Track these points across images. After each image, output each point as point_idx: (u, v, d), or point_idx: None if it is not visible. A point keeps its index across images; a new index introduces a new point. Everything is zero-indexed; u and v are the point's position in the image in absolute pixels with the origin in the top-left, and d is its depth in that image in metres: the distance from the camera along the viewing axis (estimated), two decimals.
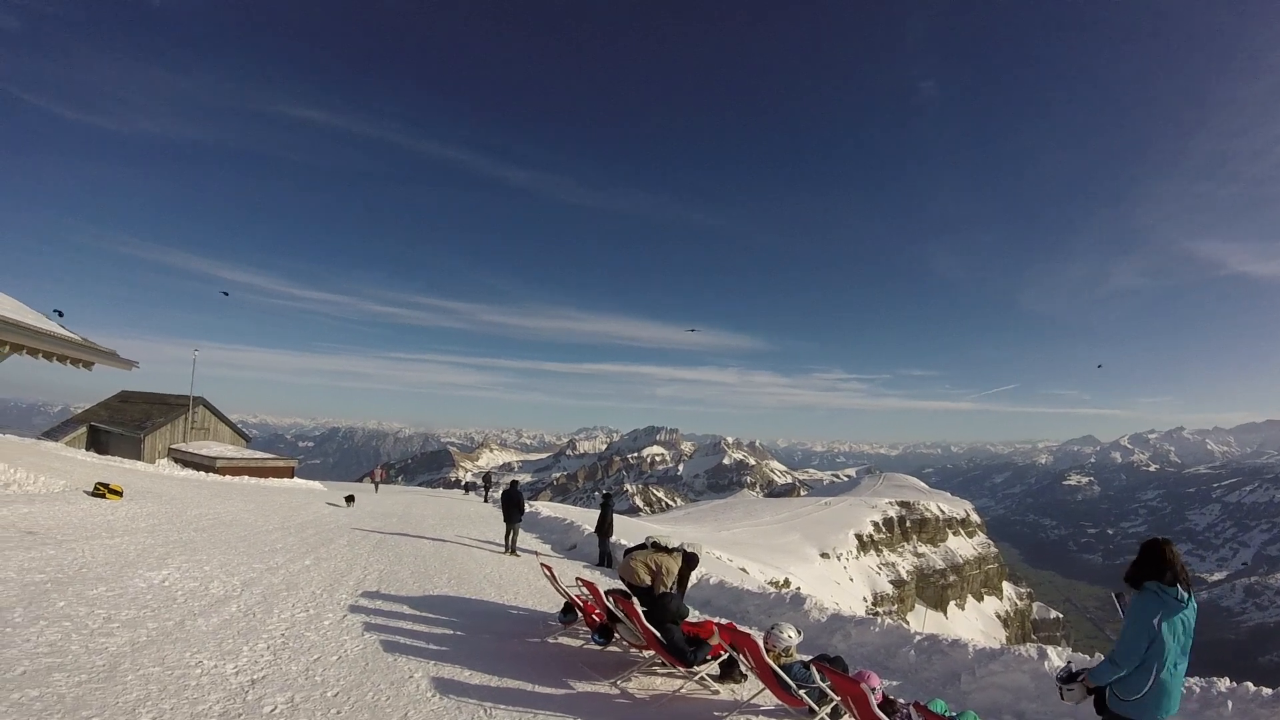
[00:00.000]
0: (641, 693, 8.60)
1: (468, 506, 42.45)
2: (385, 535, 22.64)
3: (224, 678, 7.65)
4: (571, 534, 25.49)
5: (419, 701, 7.64)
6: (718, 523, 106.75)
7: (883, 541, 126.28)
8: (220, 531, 19.10)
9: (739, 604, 14.52)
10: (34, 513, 16.69)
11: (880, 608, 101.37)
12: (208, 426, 57.09)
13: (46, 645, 7.84)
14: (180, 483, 34.68)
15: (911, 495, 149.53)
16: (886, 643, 11.01)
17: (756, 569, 62.80)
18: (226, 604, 10.92)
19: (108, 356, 25.20)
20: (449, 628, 11.15)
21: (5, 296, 22.83)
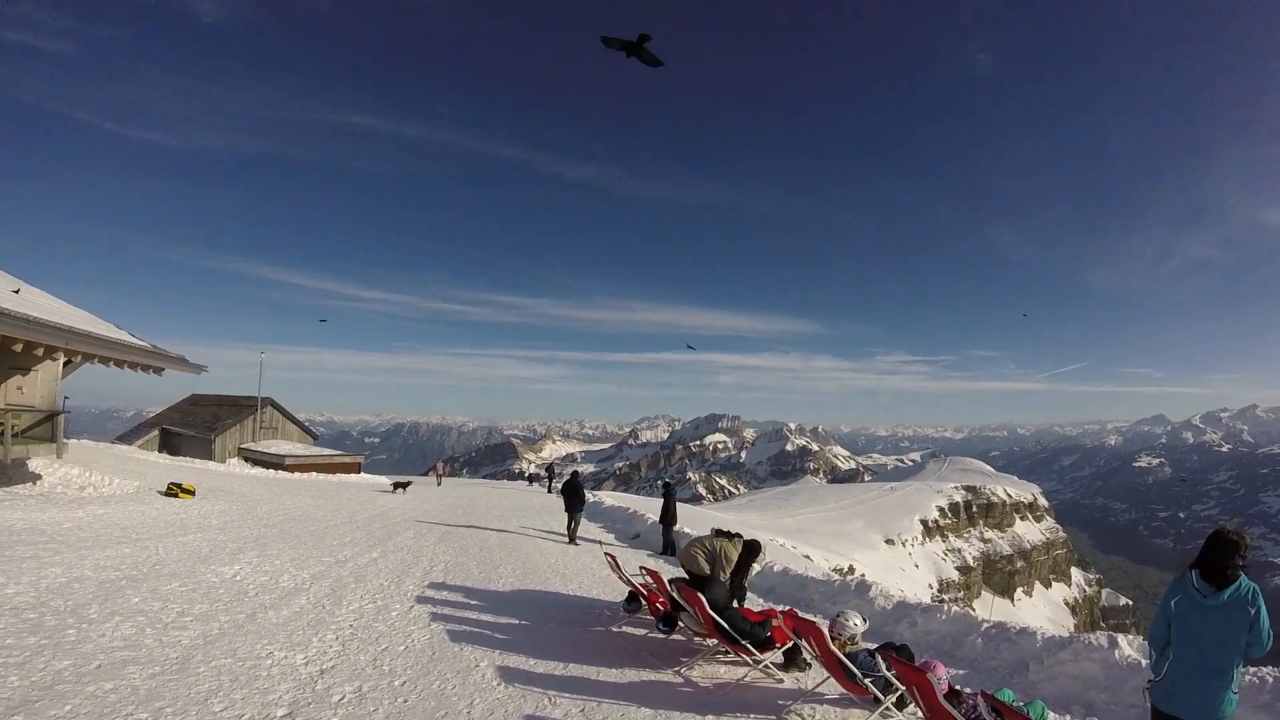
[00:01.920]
0: (705, 681, 8.55)
1: (531, 498, 42.74)
2: (450, 528, 22.98)
3: (294, 668, 7.87)
4: (635, 523, 25.50)
5: (484, 690, 7.73)
6: (781, 510, 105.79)
7: (948, 527, 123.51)
8: (290, 527, 19.67)
9: (803, 591, 14.35)
10: (109, 513, 17.40)
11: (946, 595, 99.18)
12: (276, 426, 58.65)
13: (121, 639, 8.17)
14: (250, 480, 35.76)
15: (977, 479, 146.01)
16: (953, 631, 10.76)
17: (820, 556, 62.14)
18: (296, 597, 11.24)
19: (176, 362, 26.14)
20: (514, 617, 11.24)
21: (76, 309, 23.86)
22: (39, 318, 18.78)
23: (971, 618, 10.96)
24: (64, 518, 15.91)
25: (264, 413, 57.15)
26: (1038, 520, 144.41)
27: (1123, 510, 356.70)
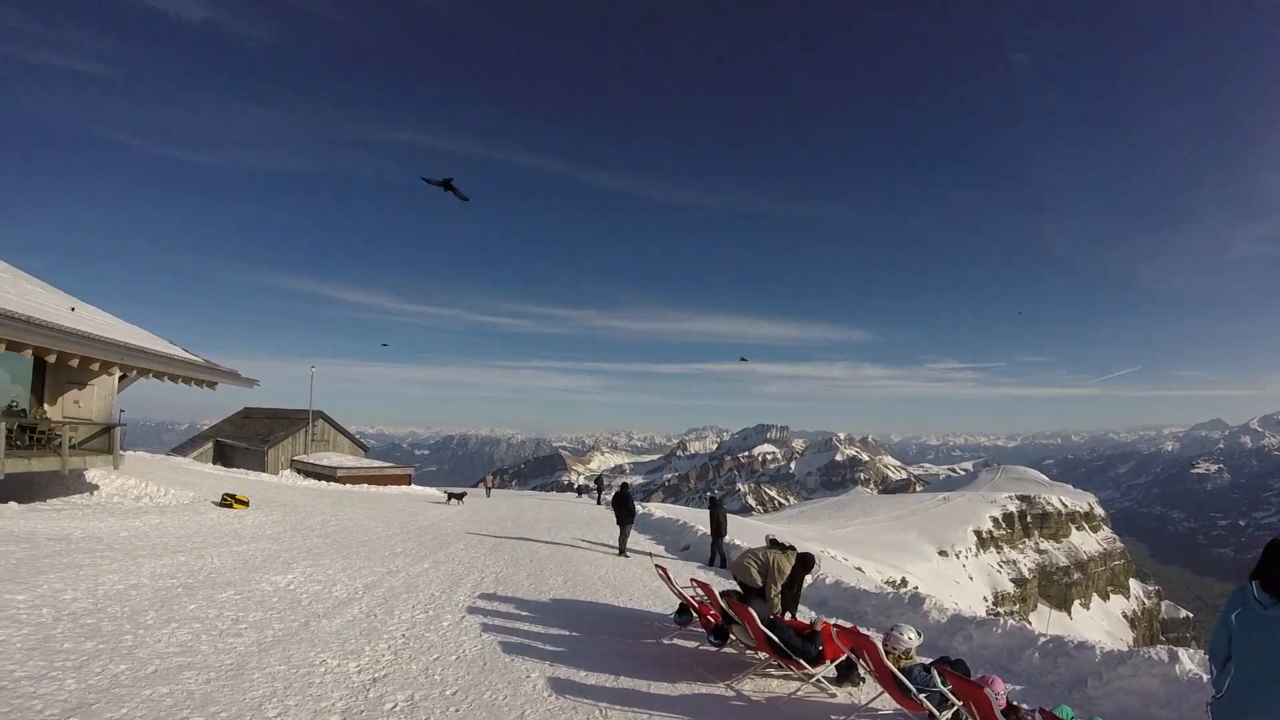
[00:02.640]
0: (757, 694, 8.44)
1: (580, 509, 42.83)
2: (500, 539, 23.06)
3: (346, 676, 7.93)
4: (684, 535, 25.37)
5: (535, 701, 7.72)
6: (832, 521, 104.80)
7: (1003, 538, 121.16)
8: (342, 537, 19.91)
9: (856, 604, 14.12)
10: (165, 523, 17.79)
11: (1001, 608, 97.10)
12: (327, 438, 59.63)
13: (177, 645, 8.30)
14: (303, 492, 36.31)
15: (1032, 488, 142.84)
16: (1009, 645, 10.48)
17: (873, 568, 61.29)
18: (349, 606, 11.35)
19: (229, 376, 26.75)
20: (565, 629, 11.24)
21: (130, 326, 24.59)
22: (94, 334, 19.36)
23: (1028, 631, 10.68)
24: (121, 527, 16.28)
25: (315, 425, 58.16)
26: (1094, 530, 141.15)
27: (1181, 519, 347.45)
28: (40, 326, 17.11)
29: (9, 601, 9.05)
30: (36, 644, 7.71)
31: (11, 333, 16.49)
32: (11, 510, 15.73)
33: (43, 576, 10.52)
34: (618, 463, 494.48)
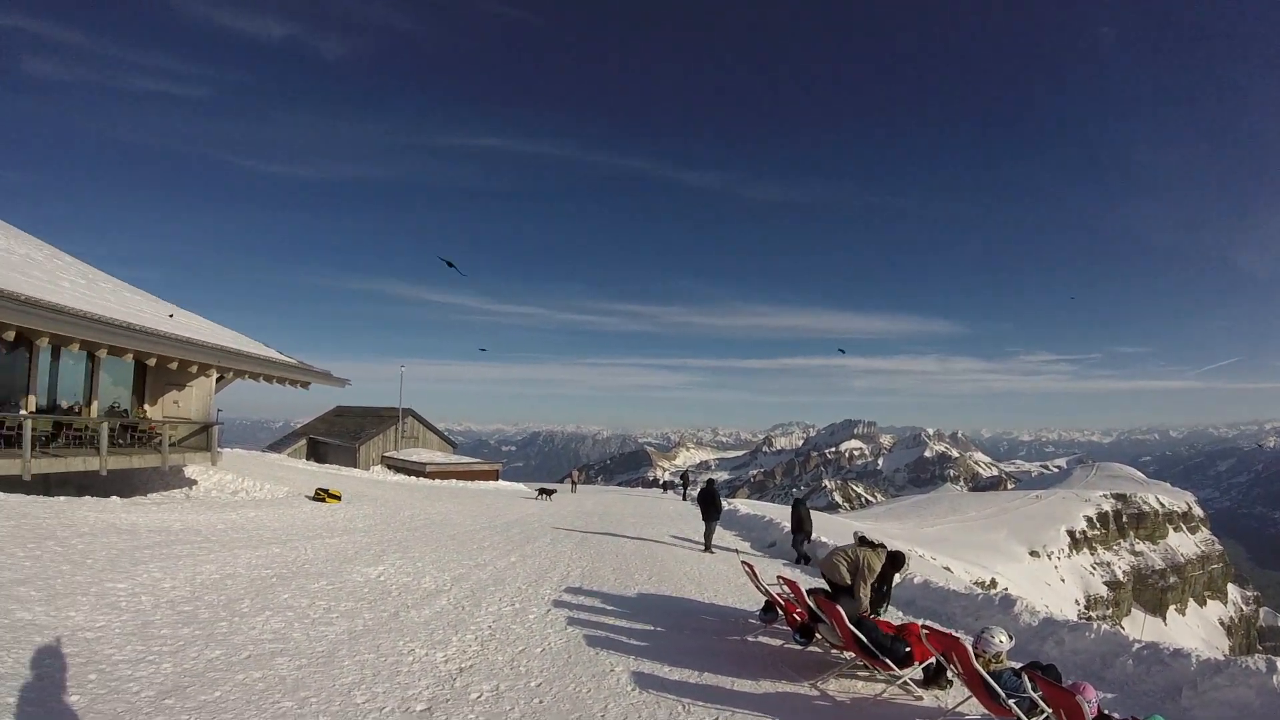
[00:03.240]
0: (842, 695, 8.24)
1: (666, 505, 42.76)
2: (586, 534, 23.23)
3: (434, 665, 8.07)
4: (770, 531, 25.06)
5: (619, 695, 7.72)
6: (920, 519, 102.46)
7: (1097, 539, 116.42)
8: (431, 531, 20.31)
9: (945, 605, 13.66)
10: (260, 516, 18.39)
11: (1093, 612, 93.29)
12: (417, 435, 60.89)
13: (271, 633, 8.57)
14: (393, 487, 37.18)
15: (1127, 487, 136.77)
16: (1102, 651, 9.96)
17: (961, 568, 59.69)
18: (437, 597, 11.57)
19: (321, 376, 27.64)
20: (649, 624, 11.23)
21: (226, 330, 25.61)
22: (192, 338, 20.28)
23: (1122, 637, 10.14)
24: (218, 519, 16.88)
25: (405, 422, 59.45)
26: (1192, 531, 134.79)
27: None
28: (140, 332, 17.98)
29: (110, 590, 9.43)
30: (135, 630, 8.02)
31: (113, 339, 17.39)
32: (114, 504, 16.44)
33: (142, 566, 10.95)
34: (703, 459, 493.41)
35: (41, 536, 11.71)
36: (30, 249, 20.97)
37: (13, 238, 20.99)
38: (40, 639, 7.23)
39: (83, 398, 20.71)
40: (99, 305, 17.99)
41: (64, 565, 10.26)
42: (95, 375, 20.93)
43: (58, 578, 9.55)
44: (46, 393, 19.54)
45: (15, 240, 20.77)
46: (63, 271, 20.32)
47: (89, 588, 9.34)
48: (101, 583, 9.67)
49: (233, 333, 25.86)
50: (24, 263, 18.56)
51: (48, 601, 8.45)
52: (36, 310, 15.25)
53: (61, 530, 12.49)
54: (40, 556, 10.50)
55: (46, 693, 6.09)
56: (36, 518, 13.07)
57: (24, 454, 15.78)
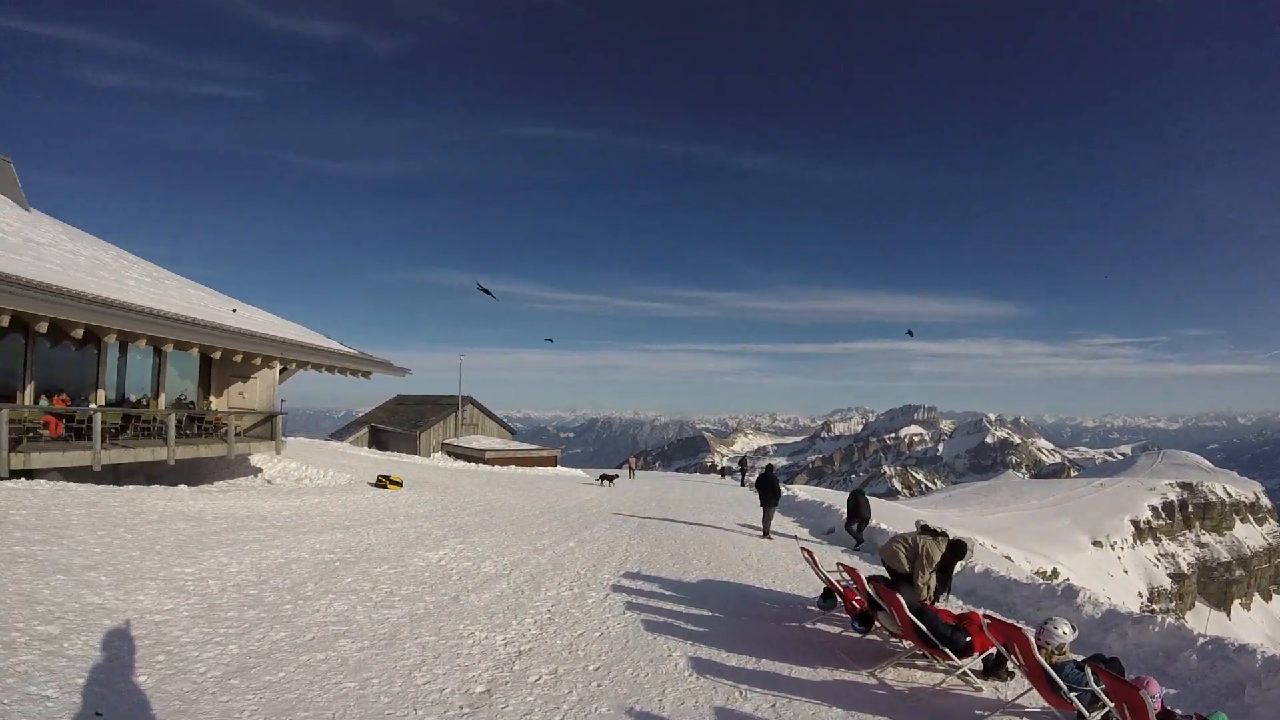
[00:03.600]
0: (900, 685, 8.09)
1: (724, 491, 42.64)
2: (644, 519, 23.24)
3: (493, 648, 8.14)
4: (829, 518, 24.75)
5: (676, 680, 7.71)
6: (981, 506, 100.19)
7: (1161, 529, 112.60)
8: (491, 516, 20.51)
9: (1006, 595, 13.28)
10: (324, 502, 18.77)
11: (1156, 605, 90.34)
12: (476, 422, 61.60)
13: (334, 615, 8.73)
14: (453, 473, 37.68)
15: (1194, 475, 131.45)
16: (1166, 645, 9.56)
17: (1022, 557, 58.41)
18: (497, 582, 11.68)
19: (382, 366, 28.05)
20: (707, 609, 11.18)
21: (289, 323, 26.16)
22: (255, 331, 20.77)
23: (1186, 631, 9.73)
24: (283, 506, 17.26)
25: (465, 410, 60.16)
26: (1260, 523, 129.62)
27: None
28: (204, 327, 18.47)
29: (178, 574, 9.66)
30: (202, 613, 8.21)
31: (178, 334, 17.88)
32: (182, 492, 16.88)
33: (209, 552, 11.21)
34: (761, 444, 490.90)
35: (111, 524, 12.04)
36: (97, 250, 21.57)
37: (79, 240, 21.60)
38: (110, 622, 7.41)
39: (150, 391, 21.32)
40: (164, 302, 18.45)
41: (133, 551, 10.54)
42: (162, 369, 21.52)
43: (127, 563, 9.80)
44: (115, 387, 20.13)
45: (82, 243, 21.36)
46: (128, 271, 20.86)
47: (157, 572, 9.58)
48: (169, 568, 9.91)
49: (296, 325, 26.37)
50: (90, 264, 19.08)
51: (117, 586, 8.66)
52: (104, 309, 15.69)
53: (131, 518, 12.84)
54: (110, 543, 10.78)
55: (115, 674, 6.23)
56: (107, 506, 13.43)
57: (94, 445, 16.27)
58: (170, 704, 5.82)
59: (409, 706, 6.33)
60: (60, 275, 15.74)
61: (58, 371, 18.37)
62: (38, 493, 13.42)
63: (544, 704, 6.75)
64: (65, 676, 5.94)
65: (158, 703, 5.82)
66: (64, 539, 10.52)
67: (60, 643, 6.64)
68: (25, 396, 17.17)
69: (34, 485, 13.92)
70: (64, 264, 17.37)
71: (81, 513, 12.48)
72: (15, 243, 16.79)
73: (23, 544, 9.80)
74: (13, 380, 17.16)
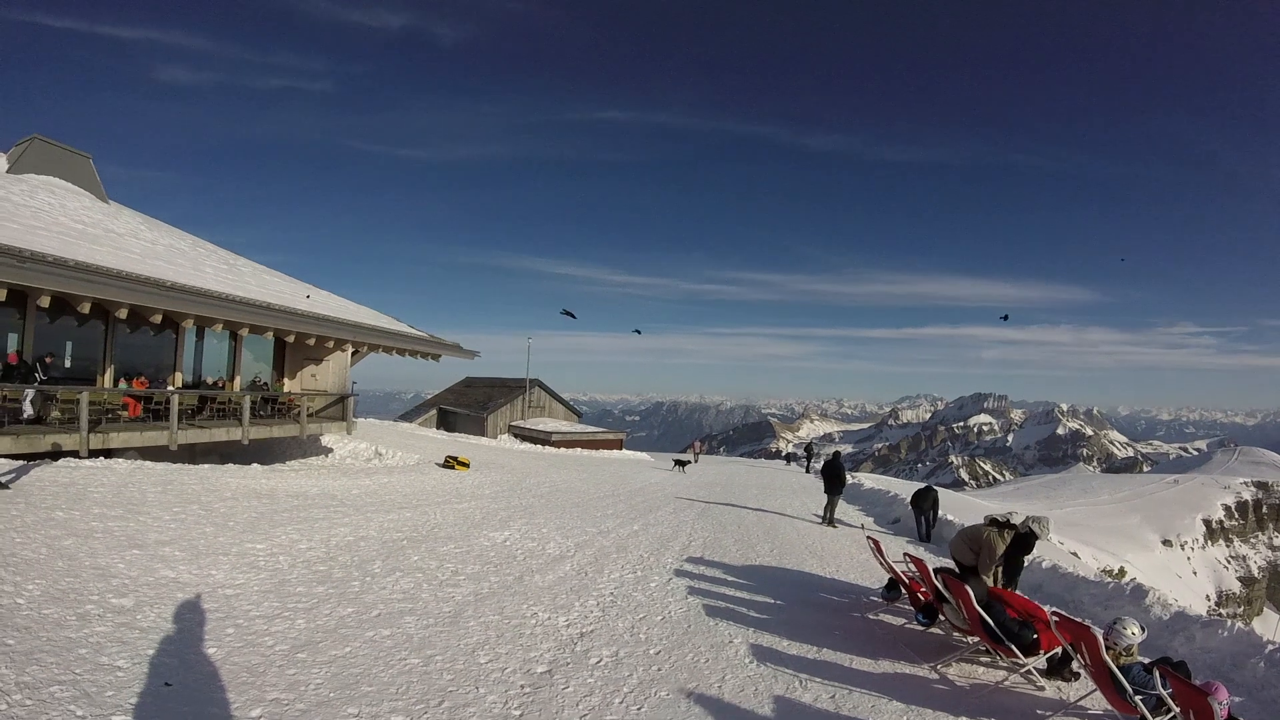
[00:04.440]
0: (962, 680, 7.86)
1: (789, 477, 42.23)
2: (708, 504, 23.15)
3: (556, 629, 8.15)
4: (895, 507, 24.29)
5: (736, 666, 7.63)
6: (1050, 500, 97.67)
7: (1234, 530, 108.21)
8: (556, 498, 20.60)
9: (1073, 592, 12.82)
10: (393, 482, 19.05)
11: (1224, 609, 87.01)
12: (543, 405, 62.05)
13: (400, 593, 8.83)
14: (520, 455, 37.96)
15: (1270, 474, 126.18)
16: (1234, 650, 9.09)
17: (1089, 554, 56.84)
18: (561, 563, 11.70)
19: (452, 349, 28.45)
20: (769, 596, 11.05)
21: (361, 307, 26.75)
22: (329, 315, 21.24)
23: (1255, 637, 9.25)
24: (352, 485, 17.58)
25: (532, 393, 60.64)
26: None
27: None
28: (278, 311, 18.95)
29: (249, 550, 9.91)
30: (272, 588, 8.39)
31: (253, 318, 18.38)
32: (255, 470, 17.25)
33: (280, 529, 11.48)
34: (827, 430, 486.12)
35: (186, 501, 12.41)
36: (174, 239, 22.19)
37: (157, 230, 22.24)
38: (183, 595, 7.62)
39: (226, 373, 21.92)
40: (240, 288, 18.92)
41: (207, 527, 10.83)
42: (238, 352, 22.11)
43: (200, 539, 10.08)
44: (192, 370, 20.79)
45: (161, 232, 22.00)
46: (205, 259, 21.42)
47: (230, 548, 9.83)
48: (241, 544, 10.17)
49: (368, 309, 26.85)
50: (169, 252, 19.63)
51: (191, 560, 8.91)
52: (182, 295, 16.16)
53: (205, 495, 13.22)
54: (185, 519, 11.11)
55: (185, 645, 6.38)
56: (182, 484, 13.84)
57: (171, 426, 16.75)
58: (238, 676, 5.94)
59: (471, 684, 6.36)
60: (139, 263, 16.24)
61: (137, 355, 19.00)
62: (116, 471, 13.87)
63: (604, 686, 6.73)
64: (137, 648, 6.11)
65: (226, 674, 5.93)
66: (140, 515, 10.87)
67: (133, 615, 6.86)
68: (105, 380, 17.79)
69: (112, 464, 14.40)
70: (143, 253, 17.91)
71: (157, 490, 12.88)
72: (96, 233, 17.35)
73: (100, 520, 10.14)
74: (93, 364, 17.79)
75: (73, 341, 17.57)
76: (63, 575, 7.65)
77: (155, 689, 5.47)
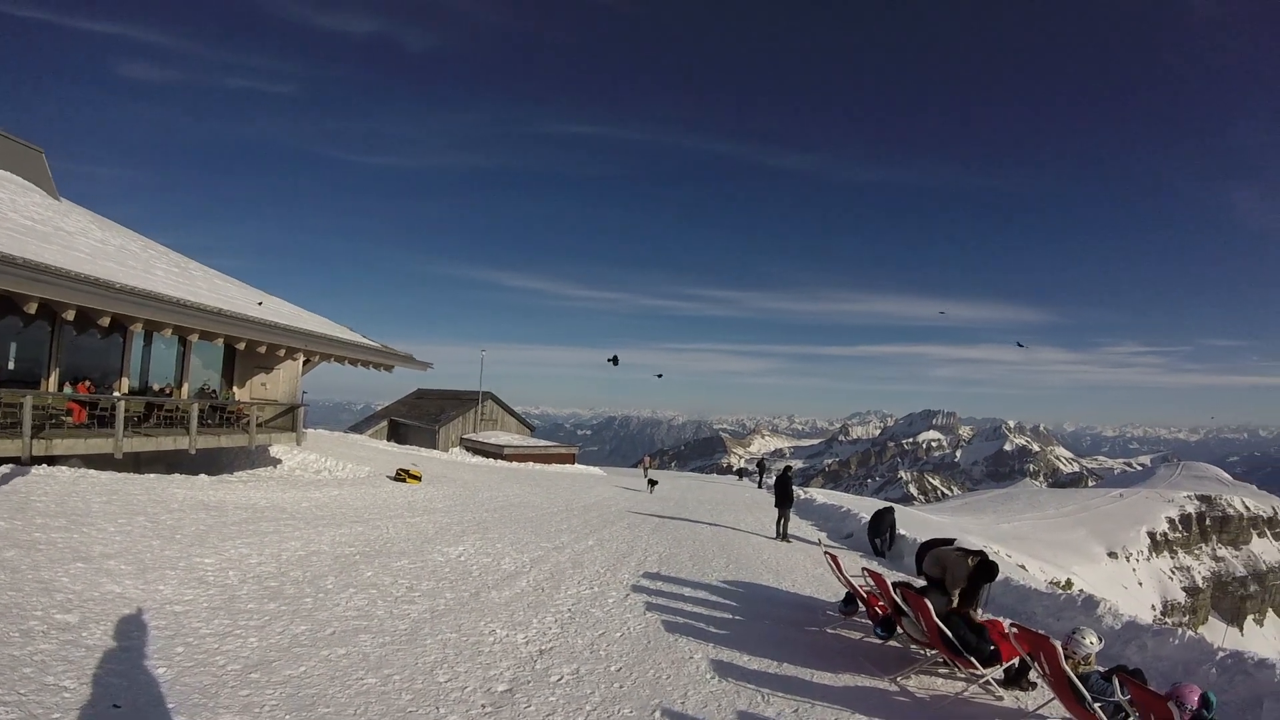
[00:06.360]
0: (921, 692, 8.03)
1: (741, 492, 42.69)
2: (662, 519, 23.18)
3: (514, 646, 8.04)
4: (848, 522, 24.62)
5: (698, 682, 7.63)
6: (998, 514, 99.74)
7: (1178, 541, 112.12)
8: (510, 512, 20.45)
9: (1025, 604, 13.14)
10: (343, 495, 18.75)
11: (1170, 618, 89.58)
12: (495, 418, 61.65)
13: (355, 610, 8.63)
14: (472, 468, 37.67)
15: (1212, 488, 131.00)
16: (1186, 658, 9.42)
17: (1036, 566, 58.19)
18: (517, 579, 11.57)
19: (404, 359, 28.09)
20: (727, 611, 11.10)
21: (313, 315, 26.31)
22: (280, 323, 20.81)
23: (1206, 644, 9.58)
24: (303, 497, 17.26)
25: (484, 405, 60.25)
26: (1277, 538, 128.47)
27: None
28: (229, 318, 18.48)
29: (198, 564, 9.63)
30: (222, 604, 8.14)
31: (204, 324, 17.92)
32: (202, 481, 16.88)
33: (229, 542, 11.18)
34: (778, 446, 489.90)
35: (132, 512, 12.04)
36: (125, 240, 21.64)
37: (109, 230, 21.67)
38: (129, 611, 7.36)
39: (174, 380, 21.36)
40: (191, 292, 18.47)
41: (153, 540, 10.51)
42: (187, 359, 21.57)
43: (147, 552, 9.77)
44: (139, 375, 20.21)
45: (111, 232, 21.44)
46: (156, 261, 20.90)
47: (177, 562, 9.54)
48: (189, 558, 9.88)
49: (319, 318, 26.42)
50: (119, 253, 19.13)
51: (137, 575, 8.63)
52: (131, 297, 15.69)
53: (151, 506, 12.85)
54: (130, 531, 10.77)
55: (134, 664, 6.15)
56: (127, 494, 13.46)
57: (116, 433, 16.25)
58: (189, 697, 5.73)
59: (431, 704, 6.22)
60: (88, 264, 15.76)
61: (83, 359, 18.43)
62: (59, 479, 13.45)
63: (566, 704, 6.65)
64: (83, 666, 5.88)
65: (176, 695, 5.72)
66: (85, 526, 10.52)
67: (79, 632, 6.60)
68: (50, 383, 17.24)
69: (55, 472, 13.94)
70: (93, 253, 17.40)
71: (102, 500, 12.50)
72: (45, 231, 16.84)
73: (43, 531, 9.81)
74: (37, 367, 17.23)
75: (17, 343, 17.01)
76: (4, 589, 7.36)
77: (104, 711, 5.25)
